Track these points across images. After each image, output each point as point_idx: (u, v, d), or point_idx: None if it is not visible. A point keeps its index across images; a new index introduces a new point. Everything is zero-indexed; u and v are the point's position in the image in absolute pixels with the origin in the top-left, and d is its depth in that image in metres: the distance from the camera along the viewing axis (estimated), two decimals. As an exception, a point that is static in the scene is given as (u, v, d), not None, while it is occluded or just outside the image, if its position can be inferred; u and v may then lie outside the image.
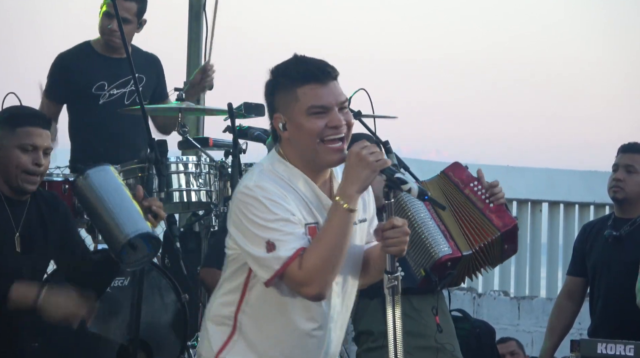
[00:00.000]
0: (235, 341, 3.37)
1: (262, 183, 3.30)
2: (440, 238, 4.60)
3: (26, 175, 4.40)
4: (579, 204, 9.10)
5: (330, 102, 3.31)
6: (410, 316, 4.65)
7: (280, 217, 3.26)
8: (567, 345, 5.67)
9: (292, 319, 3.35)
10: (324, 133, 3.31)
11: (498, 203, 4.70)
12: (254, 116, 6.02)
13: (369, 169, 3.25)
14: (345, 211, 3.25)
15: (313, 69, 3.31)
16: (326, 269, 3.24)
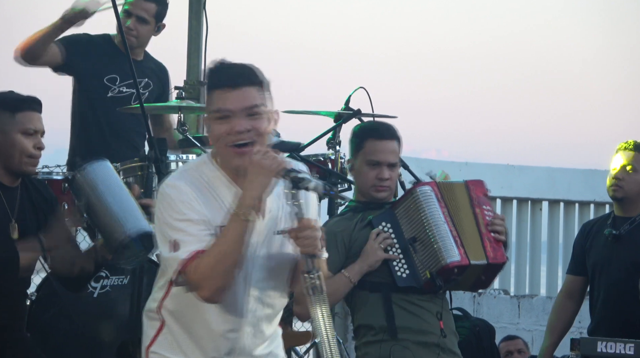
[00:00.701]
0: (164, 335, 3.47)
1: (178, 182, 3.38)
2: (450, 244, 4.62)
3: (29, 159, 4.47)
4: (579, 202, 9.10)
5: (234, 107, 3.35)
6: (412, 313, 4.65)
7: (186, 218, 3.33)
8: (567, 344, 5.67)
9: (207, 320, 3.42)
10: (227, 139, 3.36)
11: (497, 237, 4.71)
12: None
13: (264, 175, 3.28)
14: (240, 221, 3.29)
15: (225, 74, 3.38)
16: (216, 275, 3.30)
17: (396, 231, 4.66)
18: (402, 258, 4.64)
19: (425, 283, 4.62)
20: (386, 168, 4.72)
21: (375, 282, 4.66)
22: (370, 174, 4.73)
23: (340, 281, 4.64)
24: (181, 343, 3.46)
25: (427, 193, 4.67)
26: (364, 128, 4.90)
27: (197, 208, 3.35)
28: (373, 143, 4.76)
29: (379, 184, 4.73)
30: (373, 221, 4.69)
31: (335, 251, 4.64)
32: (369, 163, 4.74)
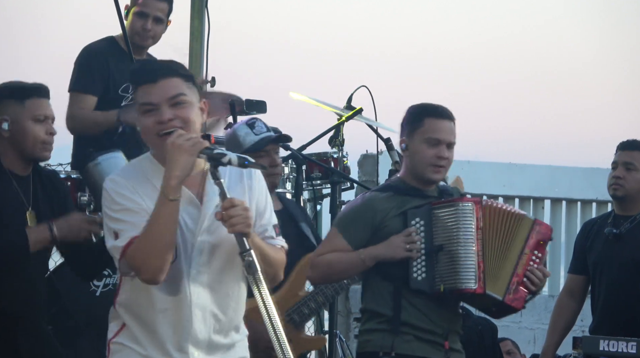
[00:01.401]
0: (124, 331, 3.62)
1: (115, 176, 3.60)
2: (471, 268, 4.56)
3: (43, 144, 4.51)
4: (581, 201, 9.10)
5: (157, 99, 3.52)
6: (420, 310, 4.62)
7: (123, 207, 3.52)
8: (569, 342, 5.68)
9: (154, 304, 3.55)
10: (156, 129, 3.52)
11: (528, 285, 4.65)
12: (256, 113, 6.02)
13: (185, 154, 3.43)
14: (167, 201, 3.44)
15: (146, 70, 3.57)
16: (152, 255, 3.45)
17: (427, 232, 4.60)
18: (424, 261, 4.59)
19: (436, 293, 4.59)
20: (445, 147, 4.65)
21: (390, 273, 4.63)
22: (429, 153, 4.62)
23: (353, 260, 4.60)
24: (139, 336, 3.59)
25: (467, 209, 4.60)
26: (422, 107, 4.71)
27: (133, 198, 3.53)
28: (433, 121, 4.65)
29: (437, 163, 4.62)
30: (408, 214, 4.61)
31: (363, 226, 4.62)
32: (428, 141, 4.63)
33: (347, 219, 4.69)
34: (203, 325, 3.58)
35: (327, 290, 5.32)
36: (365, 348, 4.67)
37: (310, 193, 6.28)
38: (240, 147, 5.31)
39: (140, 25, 6.03)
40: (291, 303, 5.26)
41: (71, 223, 4.46)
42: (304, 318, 5.29)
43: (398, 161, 6.11)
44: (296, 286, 5.29)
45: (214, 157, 3.44)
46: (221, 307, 3.62)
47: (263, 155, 5.28)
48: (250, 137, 5.30)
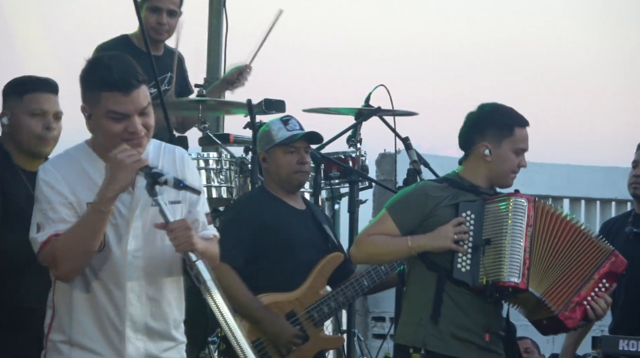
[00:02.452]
0: (57, 321, 3.72)
1: (47, 165, 3.70)
2: (517, 262, 4.58)
3: (38, 140, 4.46)
4: (600, 200, 9.06)
5: (129, 110, 3.62)
6: (459, 306, 4.63)
7: (48, 201, 3.63)
8: (588, 342, 5.65)
9: (93, 288, 3.67)
10: (123, 136, 3.63)
11: (588, 313, 4.68)
12: (274, 112, 6.02)
13: (125, 171, 3.56)
14: (97, 211, 3.56)
15: (117, 77, 3.61)
16: (71, 257, 3.58)
17: (476, 225, 4.63)
18: (470, 254, 4.61)
19: (478, 287, 4.60)
20: (524, 155, 4.76)
21: (435, 262, 4.65)
22: (515, 162, 4.71)
23: (400, 245, 4.64)
24: (75, 325, 3.68)
25: (520, 205, 4.64)
26: (510, 114, 4.76)
27: (61, 190, 3.63)
28: (521, 131, 4.74)
29: (517, 171, 4.74)
30: (460, 206, 4.65)
31: (414, 212, 4.66)
32: (517, 151, 4.71)
33: (399, 203, 4.72)
34: (139, 309, 3.69)
35: (348, 290, 5.33)
36: (398, 340, 4.72)
37: (329, 192, 6.28)
38: (271, 141, 5.34)
39: (154, 20, 6.05)
40: (311, 301, 5.27)
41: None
42: (323, 316, 5.30)
43: (416, 160, 6.10)
44: (317, 285, 5.30)
45: (152, 176, 3.57)
46: (157, 292, 3.72)
47: (292, 151, 5.32)
48: (282, 132, 5.34)
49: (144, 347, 3.71)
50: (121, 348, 3.68)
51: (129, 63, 3.68)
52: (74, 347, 3.69)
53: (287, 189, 5.37)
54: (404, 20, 14.09)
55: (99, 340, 3.68)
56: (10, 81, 4.62)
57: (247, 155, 5.99)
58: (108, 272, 3.66)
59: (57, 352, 3.70)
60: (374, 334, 8.07)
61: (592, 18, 12.77)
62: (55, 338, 3.72)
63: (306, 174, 5.40)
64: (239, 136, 6.20)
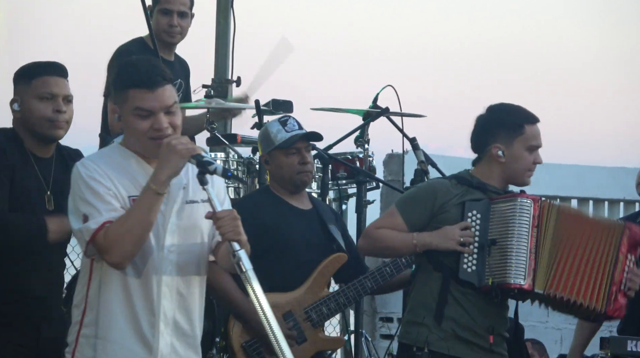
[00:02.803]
0: (87, 317, 3.76)
1: (86, 161, 3.78)
2: (522, 263, 4.59)
3: (48, 122, 4.47)
4: (608, 201, 9.05)
5: (154, 106, 3.72)
6: (463, 307, 4.63)
7: (95, 192, 3.70)
8: (596, 343, 5.64)
9: (128, 283, 3.74)
10: (149, 134, 3.73)
11: (628, 292, 4.68)
12: (282, 113, 6.02)
13: (177, 156, 3.65)
14: (153, 193, 3.66)
15: (143, 74, 3.72)
16: (126, 240, 3.65)
17: (482, 225, 4.64)
18: (475, 254, 4.62)
19: (484, 287, 4.60)
20: (538, 152, 4.74)
21: (441, 262, 4.65)
22: (530, 159, 4.71)
23: (406, 241, 4.66)
24: (111, 320, 3.74)
25: (525, 205, 4.64)
26: (519, 112, 4.76)
27: (105, 183, 3.71)
28: (532, 127, 4.73)
29: (533, 169, 4.74)
30: (466, 206, 4.65)
31: (422, 209, 4.67)
32: (530, 148, 4.71)
33: (408, 200, 4.75)
34: (169, 302, 3.77)
35: (349, 292, 5.32)
36: (402, 339, 4.73)
37: (336, 193, 6.28)
38: (271, 143, 5.33)
39: (166, 22, 6.04)
40: (310, 302, 5.26)
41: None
42: (322, 317, 5.28)
43: (424, 161, 6.10)
44: (317, 285, 5.29)
45: (202, 164, 3.66)
46: (186, 288, 3.81)
47: (294, 152, 5.31)
48: (281, 134, 5.32)
49: (171, 341, 3.78)
50: (153, 342, 3.74)
51: (155, 63, 3.80)
52: (107, 342, 3.74)
53: (292, 190, 5.36)
54: (412, 21, 14.09)
55: (131, 335, 3.74)
56: (19, 68, 4.63)
57: (254, 155, 5.98)
58: (146, 266, 3.74)
59: (90, 348, 3.76)
60: (381, 334, 8.07)
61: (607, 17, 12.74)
62: (89, 333, 3.76)
63: (309, 173, 5.39)
64: (246, 136, 6.20)
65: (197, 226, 3.81)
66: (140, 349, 3.74)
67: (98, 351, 3.73)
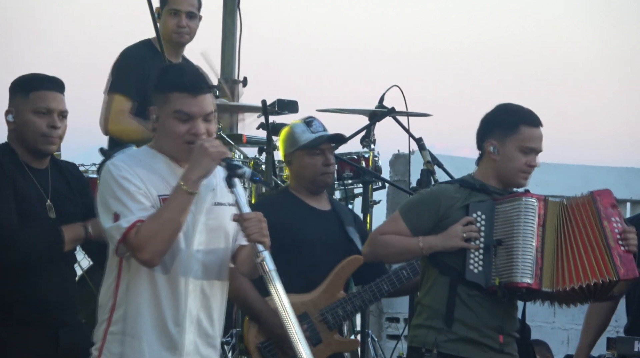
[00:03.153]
0: (115, 314, 3.83)
1: (116, 161, 3.84)
2: (529, 262, 4.59)
3: (43, 137, 4.50)
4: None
5: (195, 112, 3.84)
6: (471, 309, 4.63)
7: (126, 191, 3.77)
8: (603, 343, 5.63)
9: (157, 283, 3.81)
10: (186, 137, 3.84)
11: (629, 249, 4.69)
12: (288, 113, 6.02)
13: (209, 158, 3.76)
14: (184, 193, 3.75)
15: (188, 80, 3.85)
16: (158, 239, 3.73)
17: (487, 226, 4.64)
18: (481, 255, 4.62)
19: (491, 288, 4.61)
20: (535, 155, 4.73)
21: (448, 265, 4.66)
22: (522, 160, 4.70)
23: (411, 245, 4.67)
24: (140, 316, 3.81)
25: (530, 205, 4.65)
26: (517, 112, 4.77)
27: (136, 182, 3.79)
28: (529, 129, 4.71)
29: (527, 171, 4.71)
30: (470, 207, 4.66)
31: (426, 215, 4.69)
32: (523, 149, 4.70)
33: (411, 206, 4.76)
34: (193, 300, 3.85)
35: (365, 294, 5.32)
36: (411, 343, 4.73)
37: (342, 193, 6.28)
38: (295, 144, 5.34)
39: (174, 23, 6.04)
40: (326, 304, 5.26)
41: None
42: (337, 319, 5.28)
43: (430, 161, 6.09)
44: (334, 287, 5.29)
45: (231, 167, 3.75)
46: (210, 288, 3.89)
47: (318, 153, 5.32)
48: (306, 135, 5.34)
49: (194, 340, 3.86)
50: (178, 340, 3.82)
51: (200, 72, 4.01)
52: (134, 338, 3.81)
53: (312, 190, 5.37)
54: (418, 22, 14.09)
55: (158, 332, 3.81)
56: (17, 78, 4.64)
57: (260, 156, 5.98)
58: (175, 264, 3.81)
59: (117, 344, 3.83)
60: (388, 335, 8.06)
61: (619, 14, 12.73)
62: (116, 330, 3.83)
63: (331, 175, 5.43)
64: (252, 136, 6.20)
65: (223, 228, 3.90)
66: (166, 346, 3.81)
67: (125, 347, 3.81)
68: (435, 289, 4.67)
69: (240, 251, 3.94)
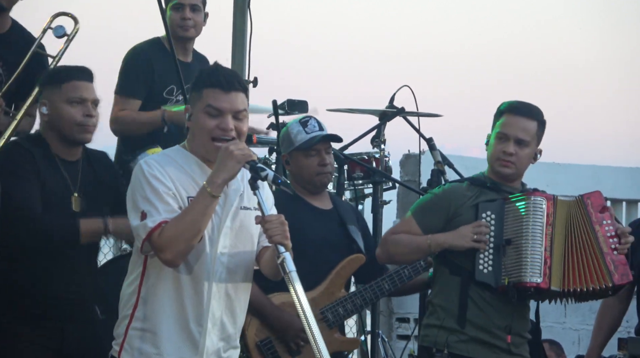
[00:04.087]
0: (138, 311, 3.87)
1: (150, 160, 3.87)
2: (538, 262, 4.60)
3: (79, 127, 4.55)
4: (626, 201, 9.01)
5: (225, 107, 3.85)
6: (481, 309, 4.64)
7: (156, 191, 3.80)
8: (614, 344, 5.62)
9: (181, 283, 3.84)
10: (214, 132, 3.85)
11: (623, 252, 4.70)
12: (298, 113, 6.01)
13: (234, 160, 3.76)
14: (208, 195, 3.76)
15: (221, 77, 3.88)
16: (180, 240, 3.75)
17: (497, 226, 4.66)
18: (491, 255, 4.64)
19: (501, 287, 4.62)
20: (513, 143, 4.70)
21: (458, 265, 4.67)
22: (497, 148, 4.73)
23: (420, 243, 4.70)
24: (163, 314, 3.84)
25: (538, 204, 4.66)
26: (508, 104, 4.83)
27: (166, 183, 3.81)
28: (508, 117, 4.74)
29: (502, 157, 4.71)
30: (480, 207, 4.68)
31: (437, 214, 4.72)
32: (497, 136, 4.74)
33: (422, 205, 4.79)
34: (217, 302, 3.87)
35: (366, 293, 5.32)
36: (422, 342, 4.76)
37: (352, 193, 6.27)
38: (291, 144, 5.33)
39: (178, 16, 6.05)
40: (326, 302, 5.26)
41: (128, 223, 4.49)
42: (338, 318, 5.28)
43: (440, 161, 6.09)
44: (334, 286, 5.29)
45: (255, 170, 3.76)
46: (234, 291, 3.91)
47: (313, 154, 5.31)
48: (301, 135, 5.33)
49: (217, 342, 3.89)
50: (200, 340, 3.85)
51: (235, 72, 3.98)
52: (156, 335, 3.84)
53: (311, 190, 5.37)
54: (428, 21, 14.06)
55: (179, 331, 3.84)
56: (46, 71, 4.73)
57: (270, 156, 5.98)
58: (199, 265, 3.84)
59: (138, 339, 3.86)
60: (398, 335, 8.06)
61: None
62: (138, 327, 3.86)
63: (328, 174, 5.39)
64: (262, 137, 6.20)
65: (249, 231, 3.93)
66: (187, 346, 3.84)
67: (146, 343, 3.84)
68: (446, 289, 4.68)
69: (263, 253, 3.96)
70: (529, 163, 4.77)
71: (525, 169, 4.80)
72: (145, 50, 6.05)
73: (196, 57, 6.27)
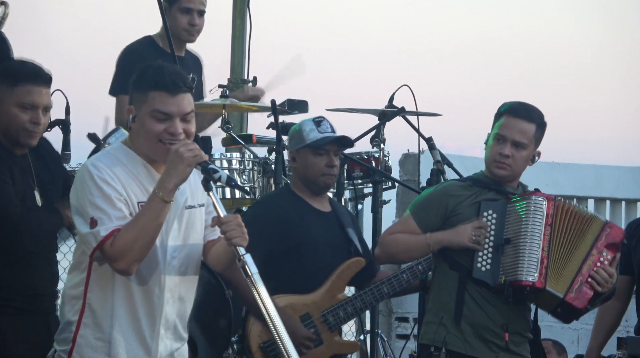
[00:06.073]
0: (86, 318, 3.75)
1: (97, 162, 3.73)
2: (534, 262, 4.61)
3: (25, 132, 4.45)
4: (625, 200, 9.01)
5: (173, 111, 3.73)
6: (480, 306, 4.65)
7: (107, 196, 3.67)
8: (613, 343, 5.62)
9: (132, 289, 3.74)
10: (162, 136, 3.73)
11: (593, 285, 4.68)
12: (297, 113, 6.02)
13: (184, 164, 3.65)
14: (159, 201, 3.65)
15: (167, 78, 3.74)
16: (134, 248, 3.64)
17: (498, 225, 4.66)
18: (490, 253, 4.64)
19: (498, 286, 4.63)
20: (510, 145, 4.69)
21: (457, 261, 4.68)
22: (494, 149, 4.72)
23: (419, 242, 4.70)
24: (103, 323, 3.74)
25: (538, 204, 4.66)
26: (508, 105, 4.81)
27: (117, 188, 3.69)
28: (507, 119, 4.73)
29: (498, 159, 4.70)
30: (482, 205, 4.68)
31: (435, 211, 4.71)
32: (495, 137, 4.73)
33: (420, 203, 4.79)
34: (171, 307, 3.80)
35: (367, 296, 5.32)
36: (422, 339, 4.77)
37: (352, 192, 6.27)
38: (302, 141, 5.33)
39: (186, 21, 6.05)
40: (328, 305, 5.26)
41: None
42: (339, 320, 5.28)
43: (440, 161, 6.09)
44: (335, 289, 5.29)
45: (208, 171, 3.67)
46: (185, 292, 3.85)
47: (322, 154, 5.31)
48: (313, 134, 5.33)
49: (170, 344, 3.82)
50: (152, 345, 3.77)
51: (179, 71, 3.83)
52: (110, 344, 3.74)
53: (313, 190, 5.36)
54: (428, 20, 14.05)
55: (133, 337, 3.75)
56: (3, 66, 4.57)
57: (270, 155, 5.98)
58: (150, 271, 3.74)
59: (89, 348, 3.74)
60: (397, 334, 8.06)
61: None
62: (88, 334, 3.75)
63: (334, 177, 5.40)
64: (262, 136, 6.20)
65: (195, 230, 3.84)
66: (142, 353, 3.76)
67: (99, 353, 3.73)
68: (445, 284, 4.70)
69: (209, 247, 3.87)
70: (526, 165, 4.77)
71: (522, 172, 4.80)
72: (136, 49, 6.06)
73: (188, 52, 6.29)
